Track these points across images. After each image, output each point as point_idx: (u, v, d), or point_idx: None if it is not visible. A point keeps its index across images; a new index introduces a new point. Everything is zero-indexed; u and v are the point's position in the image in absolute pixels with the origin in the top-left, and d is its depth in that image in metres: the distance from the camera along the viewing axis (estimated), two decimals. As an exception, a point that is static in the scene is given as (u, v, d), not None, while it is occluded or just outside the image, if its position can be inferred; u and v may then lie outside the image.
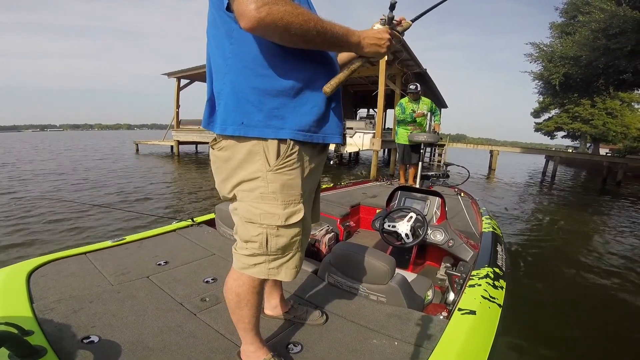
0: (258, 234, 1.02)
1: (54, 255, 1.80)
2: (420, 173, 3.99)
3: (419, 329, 1.38)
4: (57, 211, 5.58)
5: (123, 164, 13.54)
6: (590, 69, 12.02)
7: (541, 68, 14.71)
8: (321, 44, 0.91)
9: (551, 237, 5.67)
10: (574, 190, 12.96)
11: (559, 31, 14.30)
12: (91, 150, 21.49)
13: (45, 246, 4.13)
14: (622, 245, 5.34)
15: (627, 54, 9.98)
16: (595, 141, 33.66)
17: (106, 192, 7.79)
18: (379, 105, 11.99)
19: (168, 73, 17.69)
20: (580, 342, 2.61)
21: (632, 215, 8.03)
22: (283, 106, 0.96)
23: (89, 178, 9.72)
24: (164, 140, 20.03)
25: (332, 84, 0.97)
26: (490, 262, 2.00)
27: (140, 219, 5.28)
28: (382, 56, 1.04)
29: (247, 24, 0.80)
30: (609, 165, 15.90)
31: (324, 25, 0.87)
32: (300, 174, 1.02)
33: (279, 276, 1.08)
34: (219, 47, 0.97)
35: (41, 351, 1.03)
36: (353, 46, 0.97)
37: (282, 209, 1.00)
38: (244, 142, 0.98)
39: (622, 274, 4.07)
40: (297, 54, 0.95)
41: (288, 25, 0.81)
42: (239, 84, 0.95)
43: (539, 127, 39.16)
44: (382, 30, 1.00)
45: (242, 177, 1.01)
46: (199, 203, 6.84)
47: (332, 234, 2.72)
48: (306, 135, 1.00)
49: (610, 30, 9.97)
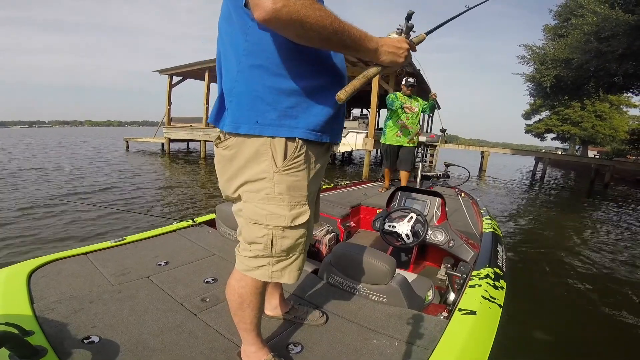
0: (263, 235, 1.00)
1: (54, 256, 1.78)
2: (421, 173, 3.95)
3: (419, 329, 1.38)
4: (56, 211, 5.54)
5: (112, 163, 13.29)
6: (581, 72, 12.21)
7: (533, 70, 14.92)
8: (337, 44, 0.86)
9: (537, 237, 5.72)
10: (562, 192, 13.10)
11: (552, 34, 14.51)
12: (79, 148, 21.12)
13: (44, 246, 4.10)
14: (610, 246, 5.41)
15: (618, 57, 10.14)
16: (584, 143, 34.08)
17: (96, 189, 7.73)
18: (372, 106, 12.04)
19: (160, 70, 17.40)
20: (577, 341, 2.62)
21: (620, 217, 8.12)
22: (297, 105, 0.95)
23: (77, 175, 9.63)
24: (155, 138, 19.81)
25: (347, 91, 0.92)
26: (490, 263, 1.99)
27: (138, 218, 5.25)
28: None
29: (262, 15, 0.76)
30: (597, 167, 16.15)
31: (341, 25, 0.83)
32: (307, 175, 1.01)
33: (283, 279, 1.06)
34: (233, 44, 0.95)
35: (41, 351, 1.02)
36: (370, 52, 0.92)
37: (288, 210, 0.99)
38: (251, 141, 0.96)
39: (609, 272, 4.13)
40: (312, 53, 0.93)
41: (304, 20, 0.77)
42: (253, 82, 0.93)
43: (529, 129, 39.64)
44: (402, 39, 0.97)
45: (247, 177, 0.99)
46: (192, 202, 6.79)
47: (332, 234, 2.71)
48: (316, 135, 0.99)
49: (603, 33, 10.12)
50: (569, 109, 29.33)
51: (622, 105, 31.23)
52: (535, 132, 38.25)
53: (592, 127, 30.69)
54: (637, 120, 32.75)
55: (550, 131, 36.06)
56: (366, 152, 11.77)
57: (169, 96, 17.90)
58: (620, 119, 31.70)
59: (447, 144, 23.04)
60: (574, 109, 29.85)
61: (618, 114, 31.66)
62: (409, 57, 1.00)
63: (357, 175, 11.93)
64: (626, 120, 32.55)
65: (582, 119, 30.81)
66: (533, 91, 17.02)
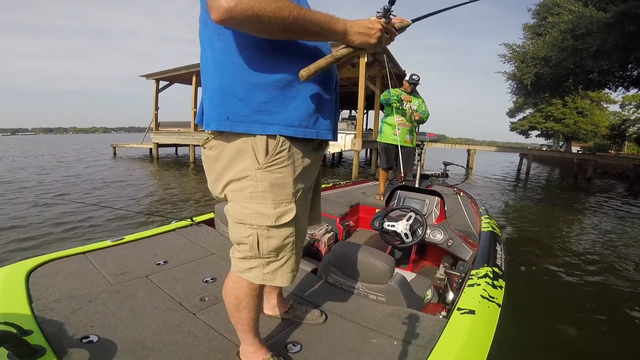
0: (248, 235, 0.97)
1: (53, 255, 1.76)
2: (420, 172, 3.87)
3: (418, 329, 1.36)
4: (52, 211, 5.55)
5: (98, 169, 13.00)
6: (560, 69, 12.42)
7: (514, 68, 15.20)
8: (301, 33, 0.83)
9: (525, 232, 5.76)
10: (546, 186, 13.28)
11: (531, 32, 14.78)
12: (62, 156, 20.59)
13: (44, 246, 4.11)
14: (595, 239, 5.50)
15: (593, 54, 10.33)
16: (567, 139, 34.52)
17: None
18: (359, 106, 12.10)
19: (146, 75, 17.02)
20: (577, 340, 2.59)
21: (602, 209, 8.27)
22: (271, 100, 0.91)
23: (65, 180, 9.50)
24: (143, 143, 19.45)
25: (309, 69, 0.86)
26: (489, 262, 1.97)
27: (138, 218, 5.25)
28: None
29: (217, 16, 0.75)
30: (579, 162, 16.49)
31: (301, 13, 0.79)
32: (292, 172, 0.96)
33: (275, 282, 1.03)
34: (210, 45, 0.93)
35: (40, 351, 1.01)
36: (338, 34, 0.88)
37: (272, 208, 0.95)
38: (233, 139, 0.93)
39: (605, 264, 4.16)
40: (286, 46, 0.90)
41: (260, 14, 0.75)
42: (226, 78, 0.90)
43: (514, 127, 40.22)
44: (374, 20, 0.92)
45: (231, 177, 0.96)
46: (183, 206, 6.71)
47: (331, 233, 2.70)
48: (297, 131, 0.94)
49: (578, 31, 10.27)
50: (552, 106, 29.76)
51: (602, 101, 31.94)
52: (520, 129, 38.77)
53: (574, 123, 31.16)
54: (617, 116, 33.58)
55: (534, 128, 36.49)
56: (355, 152, 11.84)
57: (156, 101, 17.45)
58: (601, 115, 32.30)
59: (435, 143, 23.31)
60: (556, 106, 30.30)
61: (599, 110, 32.25)
62: (384, 39, 0.94)
63: (347, 176, 11.97)
64: (607, 116, 33.20)
65: (564, 115, 31.25)
66: (515, 89, 17.33)
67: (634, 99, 26.87)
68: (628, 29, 9.18)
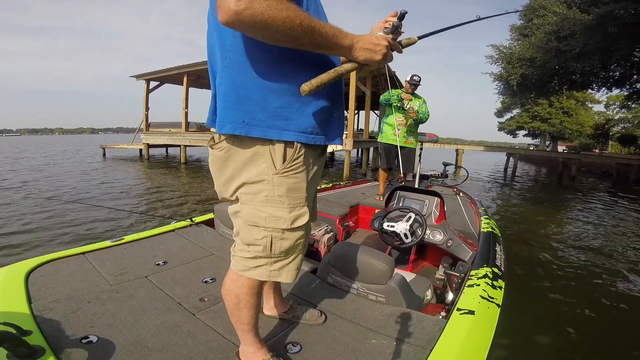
0: (263, 237, 0.96)
1: (53, 255, 1.74)
2: (420, 173, 3.83)
3: (417, 329, 1.34)
4: (52, 211, 5.53)
5: (87, 170, 12.62)
6: (545, 70, 12.62)
7: (501, 69, 15.44)
8: (308, 44, 0.79)
9: (513, 230, 5.75)
10: (532, 185, 13.36)
11: (518, 33, 15.00)
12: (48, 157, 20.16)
13: (43, 245, 4.08)
14: (581, 235, 5.56)
15: (576, 56, 10.53)
16: (553, 139, 34.99)
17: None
18: (350, 107, 12.17)
19: (137, 75, 16.50)
20: (577, 340, 2.56)
21: (587, 206, 8.35)
22: (288, 106, 0.89)
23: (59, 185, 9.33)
24: (133, 144, 19.23)
25: (312, 84, 0.83)
26: (489, 262, 1.96)
27: (136, 218, 5.21)
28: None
29: (224, 17, 0.71)
30: (564, 161, 16.75)
31: (311, 25, 0.76)
32: (306, 177, 0.96)
33: (280, 278, 1.02)
34: (220, 38, 0.88)
35: (40, 351, 1.00)
36: (344, 49, 0.86)
37: (288, 212, 0.95)
38: (247, 143, 0.91)
39: (600, 263, 4.14)
40: (304, 52, 0.85)
41: (269, 21, 0.71)
42: (240, 79, 0.86)
43: (502, 127, 40.82)
44: (381, 36, 0.90)
45: (245, 179, 0.94)
46: (178, 206, 6.64)
47: (331, 234, 2.68)
48: (309, 137, 0.93)
49: (562, 33, 10.45)
50: (538, 106, 30.17)
51: (587, 101, 32.55)
52: (507, 129, 39.30)
53: (560, 123, 31.60)
54: (602, 115, 34.28)
55: (521, 128, 36.94)
56: (346, 152, 11.90)
57: (146, 101, 16.91)
58: (585, 114, 32.82)
59: (425, 143, 23.47)
60: (543, 106, 30.74)
61: (584, 110, 32.81)
62: (389, 56, 0.92)
63: (339, 176, 12.00)
64: (591, 115, 33.79)
65: (550, 115, 31.66)
66: (502, 89, 17.57)
67: (617, 99, 27.46)
68: (610, 31, 9.36)
